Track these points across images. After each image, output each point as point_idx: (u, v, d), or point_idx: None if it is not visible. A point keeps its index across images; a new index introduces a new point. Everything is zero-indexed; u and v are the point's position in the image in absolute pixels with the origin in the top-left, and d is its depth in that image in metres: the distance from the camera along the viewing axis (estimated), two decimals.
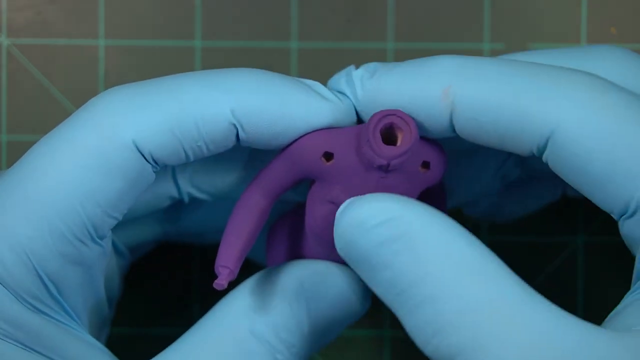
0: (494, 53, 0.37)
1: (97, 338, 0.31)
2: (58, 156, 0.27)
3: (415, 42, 0.37)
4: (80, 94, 0.37)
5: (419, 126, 0.28)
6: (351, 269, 0.28)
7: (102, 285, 0.30)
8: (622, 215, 0.26)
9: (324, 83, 0.31)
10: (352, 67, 0.29)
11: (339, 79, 0.29)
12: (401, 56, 0.37)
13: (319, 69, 0.37)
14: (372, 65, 0.29)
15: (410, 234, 0.25)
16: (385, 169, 0.27)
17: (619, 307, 0.27)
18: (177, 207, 0.33)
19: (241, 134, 0.28)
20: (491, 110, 0.27)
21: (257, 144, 0.28)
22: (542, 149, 0.27)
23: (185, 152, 0.28)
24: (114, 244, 0.32)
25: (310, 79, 0.31)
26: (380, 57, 0.37)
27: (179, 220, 0.34)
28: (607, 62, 0.28)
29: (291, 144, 0.28)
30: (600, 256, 0.37)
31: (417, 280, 0.25)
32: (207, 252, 0.37)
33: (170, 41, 0.37)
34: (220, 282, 0.27)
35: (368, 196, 0.26)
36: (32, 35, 0.37)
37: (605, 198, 0.26)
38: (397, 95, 0.28)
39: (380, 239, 0.26)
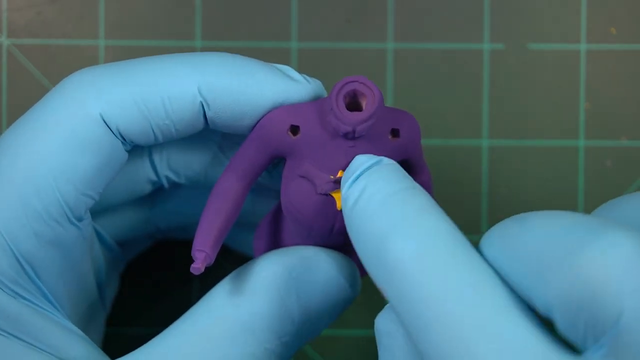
0: (493, 53, 0.37)
1: (87, 329, 0.31)
2: (30, 135, 0.27)
3: (415, 42, 0.37)
4: None
5: None
6: (339, 254, 0.28)
7: (89, 273, 0.30)
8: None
9: (324, 83, 0.31)
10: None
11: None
12: (401, 56, 0.37)
13: (319, 69, 0.37)
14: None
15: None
16: (351, 136, 0.27)
17: None
18: (159, 195, 0.33)
19: (208, 112, 0.28)
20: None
21: (224, 126, 0.28)
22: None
23: (153, 130, 0.28)
24: (101, 237, 0.32)
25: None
26: (380, 57, 0.37)
27: (162, 210, 0.34)
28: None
29: (258, 122, 0.28)
30: None
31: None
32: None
33: (170, 41, 0.37)
34: (197, 266, 0.27)
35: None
36: (32, 35, 0.37)
37: None
38: (360, 244, 0.26)
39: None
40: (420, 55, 0.37)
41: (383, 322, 0.26)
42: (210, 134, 0.31)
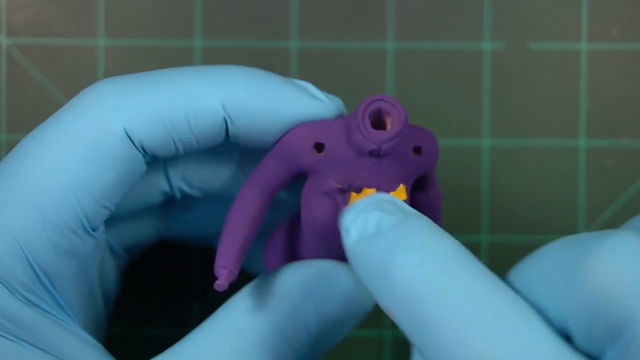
0: (494, 52, 0.37)
1: (94, 335, 0.31)
2: (50, 146, 0.27)
3: (415, 42, 0.37)
4: None
5: None
6: None
7: (96, 280, 0.30)
8: None
9: (324, 83, 0.31)
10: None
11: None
12: (401, 56, 0.37)
13: (319, 69, 0.37)
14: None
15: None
16: (376, 154, 0.27)
17: None
18: (170, 206, 0.33)
19: (231, 127, 0.28)
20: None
21: (246, 140, 0.29)
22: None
23: (175, 143, 0.28)
24: (109, 245, 0.32)
25: (310, 79, 0.31)
26: (380, 57, 0.37)
27: (172, 219, 0.34)
28: None
29: (281, 138, 0.28)
30: None
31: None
32: (207, 252, 0.37)
33: (170, 41, 0.37)
34: (221, 283, 0.28)
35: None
36: (32, 35, 0.37)
37: None
38: (364, 273, 0.26)
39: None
40: (420, 55, 0.37)
41: None
42: (229, 147, 0.31)
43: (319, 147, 0.28)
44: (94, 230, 0.28)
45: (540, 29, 0.37)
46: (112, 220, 0.32)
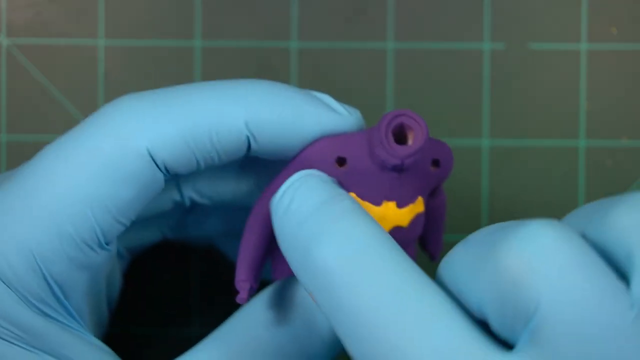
0: (494, 52, 0.37)
1: (96, 336, 0.31)
2: (70, 161, 0.27)
3: (415, 42, 0.37)
4: (80, 93, 0.37)
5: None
6: None
7: (104, 287, 0.30)
8: None
9: (324, 83, 0.31)
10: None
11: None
12: (401, 56, 0.37)
13: (319, 69, 0.37)
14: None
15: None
16: (399, 169, 0.27)
17: None
18: (179, 212, 0.33)
19: (253, 145, 0.28)
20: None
21: (267, 155, 0.29)
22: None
23: (197, 161, 0.28)
24: (117, 249, 0.32)
25: (310, 79, 0.31)
26: (380, 57, 0.37)
27: (180, 225, 0.34)
28: None
29: (301, 152, 0.28)
30: None
31: None
32: (207, 252, 0.37)
33: (170, 41, 0.37)
34: (242, 297, 0.28)
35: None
36: (32, 35, 0.37)
37: None
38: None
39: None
40: (420, 55, 0.37)
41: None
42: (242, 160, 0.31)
43: (341, 161, 0.28)
44: (108, 244, 0.28)
45: (540, 29, 0.37)
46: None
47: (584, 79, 0.37)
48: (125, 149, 0.27)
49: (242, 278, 0.28)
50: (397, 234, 0.28)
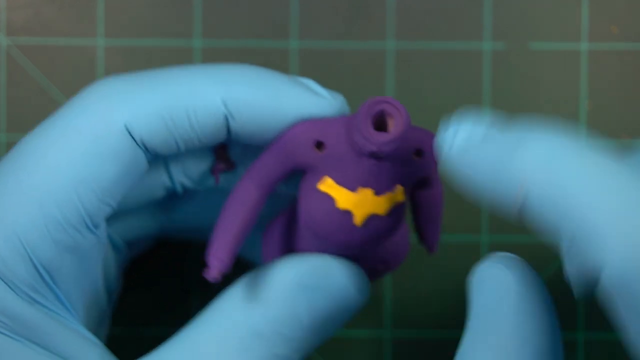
0: (494, 53, 0.37)
1: (96, 333, 0.31)
2: (51, 143, 0.28)
3: (415, 42, 0.37)
4: None
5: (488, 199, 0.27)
6: (350, 263, 0.28)
7: (100, 278, 0.30)
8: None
9: (324, 82, 0.31)
10: (459, 122, 0.28)
11: (445, 139, 0.28)
12: (401, 56, 0.37)
13: (319, 69, 0.37)
14: (472, 128, 0.27)
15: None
16: (376, 156, 0.27)
17: None
18: (172, 199, 0.33)
19: (232, 124, 0.28)
20: (552, 223, 0.25)
21: (248, 138, 0.29)
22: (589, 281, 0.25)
23: (176, 141, 0.28)
24: (111, 239, 0.32)
25: (310, 79, 0.31)
26: (380, 57, 0.37)
27: (174, 213, 0.34)
28: None
29: (281, 135, 0.28)
30: None
31: None
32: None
33: (170, 41, 0.37)
34: (213, 274, 0.28)
35: None
36: (31, 35, 0.37)
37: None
38: (474, 178, 0.27)
39: None
40: (420, 55, 0.37)
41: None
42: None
43: (320, 145, 0.28)
44: (95, 227, 0.28)
45: (540, 28, 0.37)
46: (114, 214, 0.32)
47: (584, 79, 0.37)
48: (103, 125, 0.27)
49: (215, 255, 0.28)
50: (374, 222, 0.28)
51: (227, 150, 0.31)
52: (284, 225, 0.31)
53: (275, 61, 0.37)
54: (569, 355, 0.27)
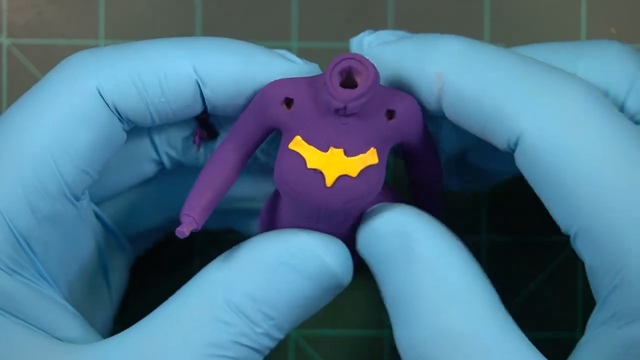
0: None
1: (94, 325, 0.31)
2: (28, 111, 0.28)
3: None
4: None
5: None
6: (334, 242, 0.28)
7: (89, 257, 0.30)
8: (568, 234, 0.27)
9: None
10: (368, 31, 0.30)
11: (353, 41, 0.31)
12: None
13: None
14: (385, 33, 0.30)
15: (411, 250, 0.27)
16: (343, 113, 0.27)
17: (583, 338, 0.27)
18: (175, 192, 0.34)
19: (205, 91, 0.28)
20: (472, 102, 0.27)
21: (222, 107, 0.29)
22: (512, 148, 0.27)
23: (149, 108, 0.28)
24: (114, 233, 0.32)
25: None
26: None
27: (177, 205, 0.34)
28: (600, 58, 0.29)
29: (256, 95, 0.29)
30: None
31: (406, 297, 0.27)
32: (208, 253, 0.37)
33: None
34: (181, 230, 0.28)
35: (388, 207, 0.28)
36: (32, 35, 0.37)
37: (554, 213, 0.27)
38: (395, 70, 0.29)
39: (386, 247, 0.27)
40: None
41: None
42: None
43: (289, 102, 0.28)
44: (75, 199, 0.28)
45: (539, 29, 0.37)
46: (110, 197, 0.32)
47: None
48: (76, 90, 0.28)
49: (186, 212, 0.28)
50: (345, 183, 0.27)
51: (209, 118, 0.31)
52: (271, 201, 0.31)
53: None
54: (569, 355, 0.28)
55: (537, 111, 0.26)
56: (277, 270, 0.28)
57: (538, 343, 0.27)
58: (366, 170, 0.27)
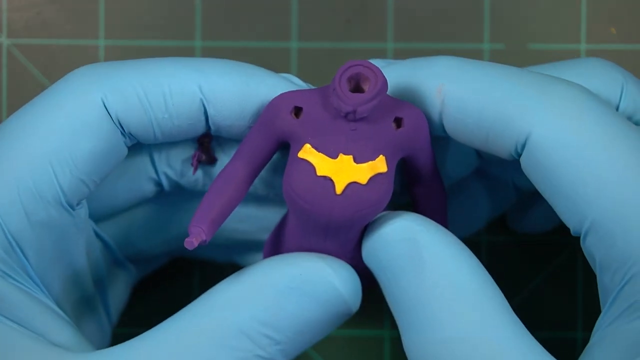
0: (494, 53, 0.37)
1: (91, 335, 0.31)
2: (30, 118, 0.28)
3: (415, 42, 0.37)
4: None
5: None
6: (344, 267, 0.28)
7: (82, 266, 0.30)
8: (578, 234, 0.27)
9: (324, 83, 0.31)
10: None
11: None
12: (401, 56, 0.37)
13: (319, 69, 0.37)
14: (375, 62, 0.30)
15: (420, 256, 0.27)
16: (352, 117, 0.27)
17: (592, 340, 0.27)
18: (179, 221, 0.34)
19: (209, 110, 0.28)
20: (475, 111, 0.27)
21: (226, 127, 0.29)
22: (518, 154, 0.27)
23: (152, 124, 0.28)
24: (114, 253, 0.32)
25: (310, 79, 0.31)
26: (380, 57, 0.37)
27: (181, 233, 0.34)
28: (588, 75, 0.30)
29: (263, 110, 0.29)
30: None
31: (415, 303, 0.27)
32: (207, 264, 0.37)
33: (170, 41, 0.37)
34: (189, 240, 0.28)
35: (395, 214, 0.28)
36: (32, 35, 0.37)
37: (563, 213, 0.27)
38: (396, 89, 0.29)
39: (394, 254, 0.27)
40: (420, 55, 0.37)
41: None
42: None
43: (297, 111, 0.28)
44: (71, 206, 0.28)
45: (539, 29, 0.37)
46: (110, 215, 0.32)
47: None
48: (81, 100, 0.28)
49: (194, 224, 0.28)
50: (355, 190, 0.27)
51: (211, 142, 0.31)
52: (277, 228, 0.31)
53: (275, 61, 0.37)
54: (569, 355, 0.28)
55: (542, 112, 0.27)
56: (287, 295, 0.28)
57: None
58: (375, 178, 0.27)
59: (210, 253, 0.35)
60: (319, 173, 0.27)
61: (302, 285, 0.28)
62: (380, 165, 0.28)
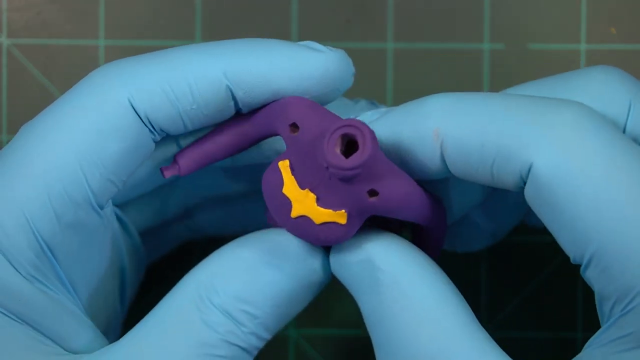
0: (494, 53, 0.37)
1: (105, 332, 0.31)
2: (55, 121, 0.28)
3: (415, 42, 0.37)
4: None
5: (417, 169, 0.28)
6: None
7: (108, 266, 0.30)
8: (578, 264, 0.27)
9: None
10: (364, 111, 0.31)
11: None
12: (401, 56, 0.37)
13: None
14: (368, 114, 0.30)
15: (376, 277, 0.27)
16: (330, 175, 0.27)
17: (578, 355, 0.27)
18: (194, 206, 0.34)
19: (238, 93, 0.28)
20: (475, 149, 0.27)
21: (257, 106, 0.29)
22: (525, 181, 0.27)
23: (181, 115, 0.28)
24: (127, 229, 0.32)
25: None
26: (380, 57, 0.37)
27: (196, 221, 0.35)
28: (593, 86, 0.29)
29: (273, 102, 0.29)
30: None
31: (378, 323, 0.27)
32: (209, 251, 0.37)
33: (170, 41, 0.37)
34: (164, 169, 0.29)
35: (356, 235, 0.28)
36: (32, 35, 0.37)
37: (563, 244, 0.27)
38: (391, 141, 0.28)
39: (352, 274, 0.28)
40: (420, 55, 0.37)
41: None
42: None
43: (295, 127, 0.28)
44: (100, 207, 0.28)
45: (539, 29, 0.37)
46: (131, 200, 0.32)
47: None
48: (108, 102, 0.28)
49: (177, 156, 0.29)
50: (306, 224, 0.28)
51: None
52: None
53: None
54: (569, 355, 0.28)
55: (542, 141, 0.26)
56: (260, 270, 0.28)
57: (538, 343, 0.27)
58: (330, 225, 0.27)
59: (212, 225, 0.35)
60: (284, 190, 0.28)
61: (273, 260, 0.28)
62: (339, 217, 0.27)
